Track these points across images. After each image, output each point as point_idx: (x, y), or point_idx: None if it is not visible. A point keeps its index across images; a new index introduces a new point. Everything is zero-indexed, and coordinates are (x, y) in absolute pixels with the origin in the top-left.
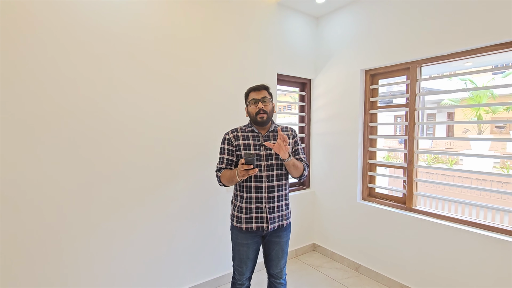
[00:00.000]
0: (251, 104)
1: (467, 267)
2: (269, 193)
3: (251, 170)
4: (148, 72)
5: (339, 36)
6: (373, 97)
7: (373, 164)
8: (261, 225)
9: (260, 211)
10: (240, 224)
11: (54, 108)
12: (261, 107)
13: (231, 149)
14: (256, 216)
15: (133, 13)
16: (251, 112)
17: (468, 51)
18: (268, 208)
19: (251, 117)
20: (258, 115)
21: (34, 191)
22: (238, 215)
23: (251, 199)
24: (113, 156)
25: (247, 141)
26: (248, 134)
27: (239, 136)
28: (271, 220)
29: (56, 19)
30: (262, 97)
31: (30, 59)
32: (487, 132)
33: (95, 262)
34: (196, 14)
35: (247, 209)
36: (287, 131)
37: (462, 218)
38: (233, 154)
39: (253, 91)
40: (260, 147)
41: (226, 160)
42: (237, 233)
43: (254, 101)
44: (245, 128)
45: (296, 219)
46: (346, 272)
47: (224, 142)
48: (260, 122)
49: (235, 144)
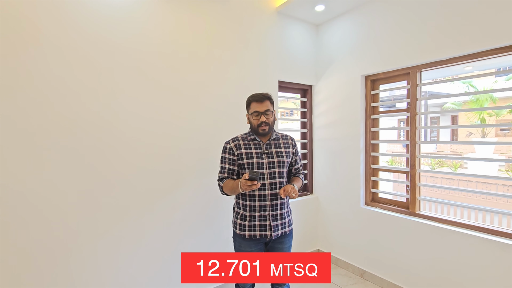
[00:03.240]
0: (253, 116)
1: (473, 272)
2: (272, 201)
3: (254, 185)
4: (152, 82)
5: (339, 42)
6: (374, 102)
7: (376, 169)
8: (264, 232)
9: (264, 219)
10: (244, 231)
11: (59, 119)
12: (263, 120)
13: (232, 158)
14: (259, 224)
15: (137, 26)
16: (253, 123)
17: (468, 55)
18: (271, 216)
19: (252, 127)
20: (260, 127)
21: (41, 201)
22: (242, 222)
23: (255, 207)
24: (119, 164)
25: (249, 150)
26: (250, 143)
27: (240, 145)
28: (275, 227)
29: (62, 33)
30: (265, 110)
31: (36, 73)
32: (491, 135)
33: (102, 269)
34: (198, 24)
35: (251, 217)
36: (287, 140)
37: (467, 223)
38: (235, 163)
39: (255, 102)
40: (262, 155)
41: (227, 170)
42: (240, 241)
43: (256, 113)
44: (247, 136)
45: (299, 225)
46: (351, 279)
47: (226, 151)
48: (262, 133)
49: (237, 153)
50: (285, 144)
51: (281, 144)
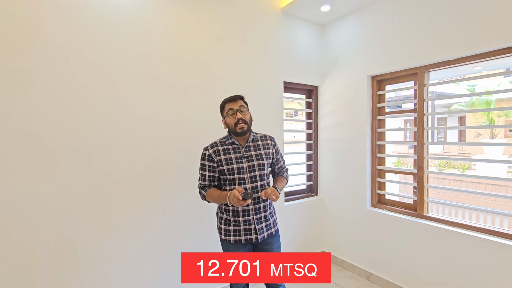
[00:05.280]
0: (229, 115)
1: (483, 275)
2: (255, 204)
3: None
4: (155, 83)
5: (344, 43)
6: (381, 103)
7: (382, 170)
8: (250, 236)
9: (248, 223)
10: (229, 237)
11: (64, 121)
12: (239, 117)
13: (212, 165)
14: (244, 228)
15: (140, 28)
16: (230, 124)
17: (477, 55)
18: (256, 219)
19: (230, 128)
20: (238, 126)
21: (47, 202)
22: (226, 227)
23: (238, 212)
24: (124, 165)
25: (228, 155)
26: (229, 147)
27: (219, 151)
28: (260, 230)
29: (64, 35)
30: (239, 106)
31: (38, 74)
32: (501, 136)
33: (109, 267)
34: (202, 25)
35: (235, 221)
36: (266, 140)
37: (476, 225)
38: (215, 169)
39: (228, 102)
40: (242, 159)
41: (208, 177)
42: (227, 245)
43: (232, 111)
44: (225, 141)
45: (304, 226)
46: (357, 281)
47: (204, 158)
48: (240, 132)
49: (216, 160)
50: (265, 146)
51: (260, 146)
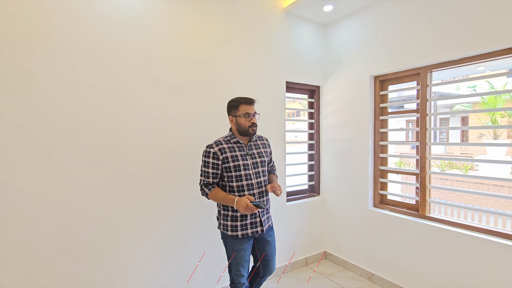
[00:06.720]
0: (245, 118)
1: (485, 277)
2: (261, 198)
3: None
4: (160, 83)
5: (347, 43)
6: (383, 103)
7: (385, 171)
8: (256, 229)
9: (255, 216)
10: (236, 232)
11: (71, 120)
12: (254, 121)
13: (216, 162)
14: (250, 222)
15: (145, 29)
16: (243, 125)
17: (480, 55)
18: (261, 212)
19: (241, 128)
20: (251, 128)
21: (53, 203)
22: (233, 223)
23: None
24: (131, 163)
25: (234, 153)
26: (234, 145)
27: (225, 149)
28: (265, 222)
29: (71, 36)
30: (254, 112)
31: (42, 73)
32: (504, 137)
33: (111, 265)
34: (206, 25)
35: (242, 216)
36: (263, 140)
37: (479, 226)
38: (219, 167)
39: (245, 104)
40: (246, 156)
41: (212, 174)
42: (233, 241)
43: (248, 115)
44: (229, 139)
45: (306, 226)
46: (359, 281)
47: (209, 155)
48: (252, 133)
49: (222, 157)
50: (263, 145)
51: (259, 145)
